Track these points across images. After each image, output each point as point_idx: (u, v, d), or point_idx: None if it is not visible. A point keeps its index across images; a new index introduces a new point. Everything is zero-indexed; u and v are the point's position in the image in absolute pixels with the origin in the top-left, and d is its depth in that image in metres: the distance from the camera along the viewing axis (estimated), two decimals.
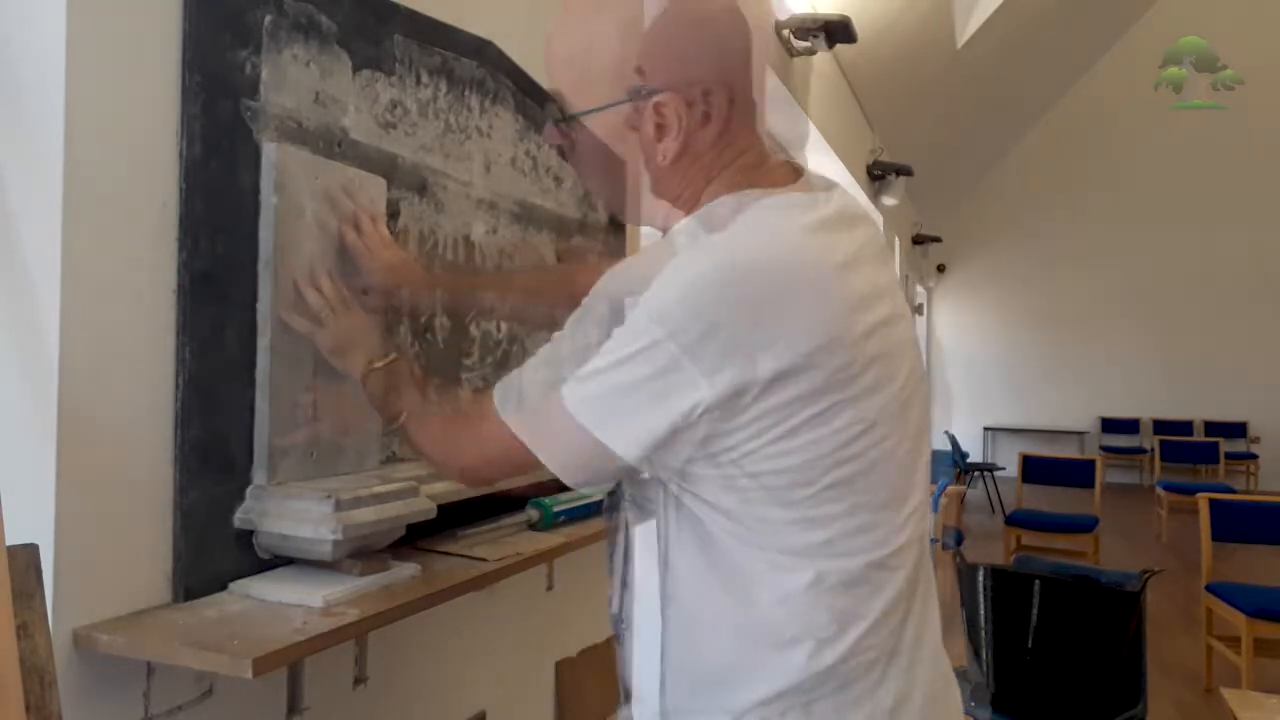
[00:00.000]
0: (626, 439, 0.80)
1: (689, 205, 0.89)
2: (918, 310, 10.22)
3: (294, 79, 1.18)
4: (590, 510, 1.63)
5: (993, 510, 7.97)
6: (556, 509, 1.53)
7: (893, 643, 0.86)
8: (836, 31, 4.12)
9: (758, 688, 0.84)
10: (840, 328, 0.81)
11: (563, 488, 1.60)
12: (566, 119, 0.88)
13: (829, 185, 0.92)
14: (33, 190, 0.95)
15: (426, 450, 1.03)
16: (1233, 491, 6.12)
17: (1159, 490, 7.42)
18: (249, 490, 1.11)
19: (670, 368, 0.77)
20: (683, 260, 0.81)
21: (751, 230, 0.83)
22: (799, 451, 0.80)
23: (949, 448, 8.00)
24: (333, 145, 1.25)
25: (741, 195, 0.85)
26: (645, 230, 1.01)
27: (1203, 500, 3.90)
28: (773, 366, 0.77)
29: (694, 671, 0.88)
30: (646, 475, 0.86)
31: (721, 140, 0.87)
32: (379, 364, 1.09)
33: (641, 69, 0.84)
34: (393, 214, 1.36)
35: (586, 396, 0.82)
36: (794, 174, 0.92)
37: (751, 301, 0.78)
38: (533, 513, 1.53)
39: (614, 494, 0.97)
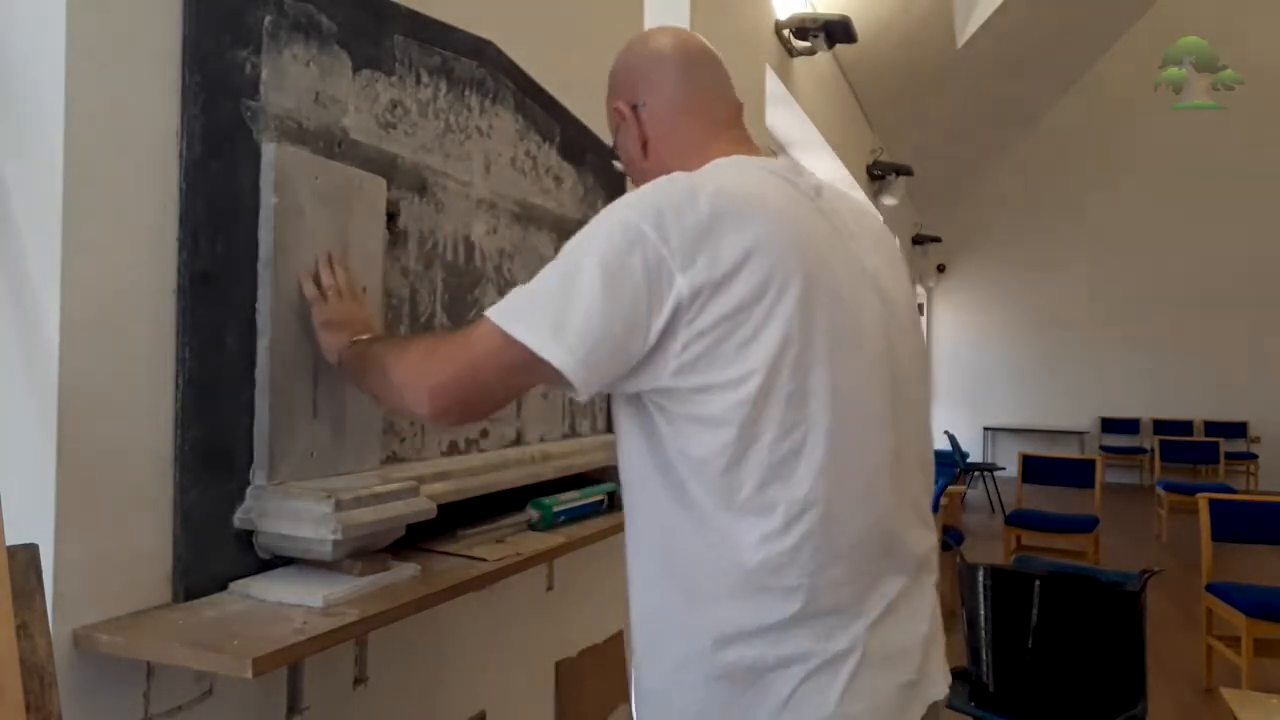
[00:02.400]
0: (619, 311, 0.88)
1: None
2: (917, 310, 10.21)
3: (294, 79, 1.18)
4: (590, 511, 1.63)
5: (993, 510, 7.97)
6: (557, 509, 1.54)
7: (852, 593, 0.94)
8: (836, 31, 4.12)
9: (732, 615, 0.92)
10: (784, 244, 0.92)
11: (562, 488, 1.60)
12: (615, 156, 1.19)
13: (804, 169, 1.08)
14: (33, 190, 0.95)
15: (392, 376, 1.01)
16: (1233, 491, 6.11)
17: (1159, 490, 7.42)
18: (249, 490, 1.11)
19: (638, 239, 0.89)
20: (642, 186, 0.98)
21: (711, 168, 1.00)
22: (740, 361, 0.89)
23: (949, 448, 8.00)
24: (333, 145, 1.25)
25: (728, 158, 1.04)
26: None
27: (1203, 500, 3.90)
28: (723, 262, 0.89)
29: (677, 596, 0.96)
30: (635, 387, 0.94)
31: (665, 134, 1.10)
32: (362, 337, 1.13)
33: (611, 100, 1.15)
34: (393, 214, 1.36)
35: (578, 276, 0.90)
36: (772, 155, 1.09)
37: (704, 205, 0.91)
38: (533, 513, 1.53)
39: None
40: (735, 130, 1.11)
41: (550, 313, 0.90)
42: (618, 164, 1.20)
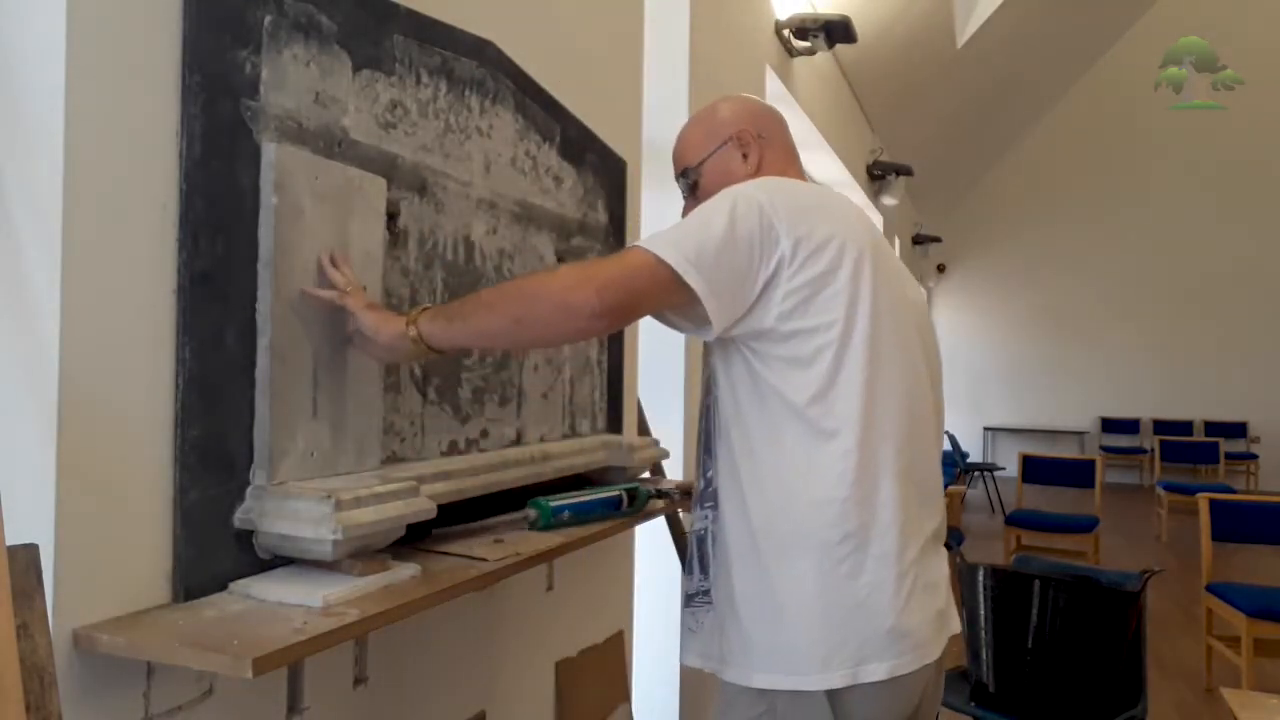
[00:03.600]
0: (740, 257, 1.15)
1: None
2: None
3: (294, 79, 1.18)
4: (596, 508, 1.61)
5: (993, 510, 7.98)
6: (554, 503, 1.52)
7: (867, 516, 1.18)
8: (836, 31, 4.12)
9: (824, 529, 1.17)
10: (857, 234, 1.23)
11: (562, 488, 1.60)
12: (691, 170, 1.44)
13: None
14: (33, 190, 0.95)
15: (547, 296, 1.15)
16: (1233, 491, 6.11)
17: (1159, 490, 7.43)
18: (249, 490, 1.11)
19: (756, 207, 1.18)
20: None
21: (794, 180, 1.37)
22: (827, 310, 1.17)
23: (949, 448, 8.00)
24: (333, 145, 1.25)
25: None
26: (645, 230, 1.23)
27: (1203, 500, 3.90)
28: (815, 237, 1.18)
29: (776, 520, 1.19)
30: (739, 331, 1.19)
31: (774, 163, 1.42)
32: (426, 305, 1.21)
33: (729, 127, 1.43)
34: (393, 214, 1.36)
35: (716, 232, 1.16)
36: None
37: (803, 197, 1.25)
38: (530, 512, 1.52)
39: (706, 379, 1.34)
40: (801, 172, 1.48)
41: (689, 248, 1.14)
42: (684, 182, 1.45)
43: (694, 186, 1.43)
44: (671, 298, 1.17)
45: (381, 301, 1.32)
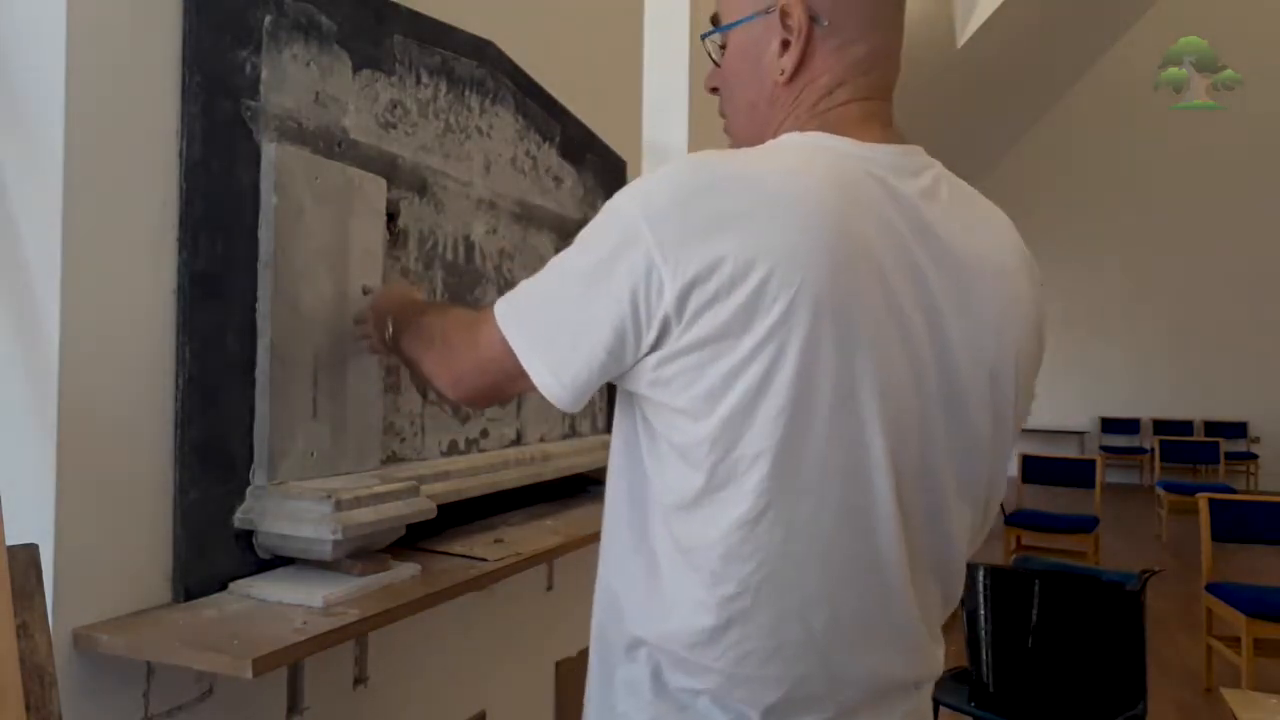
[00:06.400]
0: (604, 330, 0.76)
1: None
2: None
3: (294, 79, 1.18)
4: None
5: None
6: None
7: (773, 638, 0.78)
8: None
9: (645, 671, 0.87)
10: (806, 262, 0.72)
11: (562, 488, 1.59)
12: (714, 32, 0.93)
13: (926, 165, 0.84)
14: (33, 190, 0.95)
15: (425, 366, 1.05)
16: (1233, 491, 6.11)
17: (1159, 490, 7.42)
18: (249, 490, 1.11)
19: (633, 239, 0.75)
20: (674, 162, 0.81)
21: (764, 151, 0.81)
22: (713, 392, 0.74)
23: None
24: (333, 145, 1.25)
25: (804, 135, 0.83)
26: None
27: (1203, 500, 3.90)
28: (721, 271, 0.72)
29: (608, 654, 0.94)
30: (627, 385, 0.81)
31: (823, 74, 0.85)
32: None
33: None
34: (393, 214, 1.36)
35: (562, 278, 0.82)
36: (885, 135, 0.85)
37: (715, 202, 0.74)
38: None
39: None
40: (869, 103, 0.85)
41: (542, 323, 0.82)
42: (710, 42, 0.96)
43: (721, 55, 0.94)
44: (525, 384, 0.84)
45: None
